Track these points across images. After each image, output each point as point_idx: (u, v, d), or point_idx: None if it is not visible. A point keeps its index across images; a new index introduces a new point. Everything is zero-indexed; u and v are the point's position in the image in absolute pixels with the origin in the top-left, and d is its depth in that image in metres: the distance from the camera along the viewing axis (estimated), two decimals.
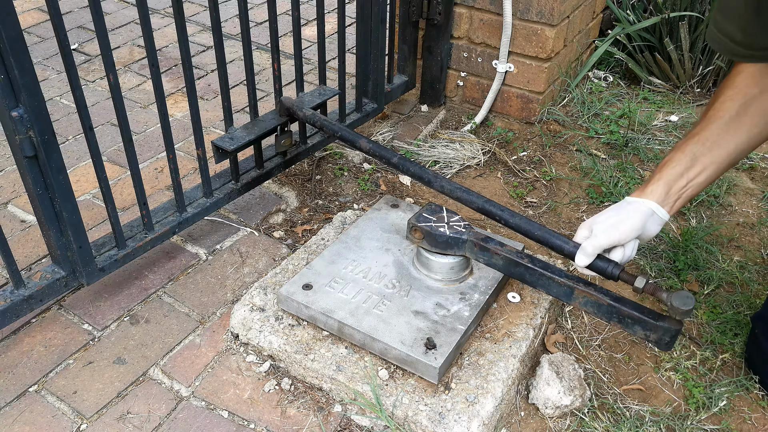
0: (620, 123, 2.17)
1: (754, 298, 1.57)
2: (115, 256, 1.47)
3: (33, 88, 1.17)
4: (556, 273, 1.25)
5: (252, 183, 1.75)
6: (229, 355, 1.40)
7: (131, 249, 1.50)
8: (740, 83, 1.19)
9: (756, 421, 1.32)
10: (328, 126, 1.68)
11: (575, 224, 1.79)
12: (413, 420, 1.23)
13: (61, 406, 1.29)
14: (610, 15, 2.53)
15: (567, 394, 1.29)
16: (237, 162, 1.68)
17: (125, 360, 1.39)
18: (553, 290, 1.26)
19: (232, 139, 1.63)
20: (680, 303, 1.11)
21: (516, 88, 2.16)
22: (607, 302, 1.20)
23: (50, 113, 2.19)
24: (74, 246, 1.37)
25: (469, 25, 2.12)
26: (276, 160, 1.79)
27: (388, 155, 1.57)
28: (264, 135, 1.69)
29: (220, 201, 1.67)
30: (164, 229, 1.56)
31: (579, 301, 1.24)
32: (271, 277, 1.51)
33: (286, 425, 1.27)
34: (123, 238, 1.48)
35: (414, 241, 1.40)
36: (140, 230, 1.54)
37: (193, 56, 2.60)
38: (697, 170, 1.18)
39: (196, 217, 1.63)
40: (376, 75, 2.00)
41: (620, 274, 1.19)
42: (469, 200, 1.44)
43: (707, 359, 1.43)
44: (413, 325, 1.32)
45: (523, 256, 1.29)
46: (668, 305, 1.13)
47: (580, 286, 1.22)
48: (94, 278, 1.44)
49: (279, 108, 1.72)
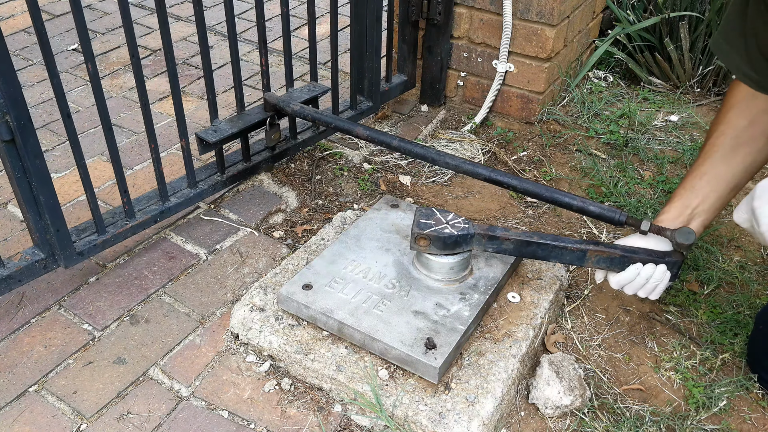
0: (620, 123, 2.17)
1: (754, 298, 1.57)
2: (94, 241, 1.51)
3: (8, 74, 1.21)
4: (567, 242, 1.33)
5: (238, 176, 1.78)
6: (229, 355, 1.40)
7: (111, 235, 1.54)
8: (731, 117, 1.32)
9: (756, 421, 1.32)
10: (320, 118, 1.71)
11: (575, 224, 1.79)
12: (413, 420, 1.23)
13: (61, 406, 1.29)
14: (610, 15, 2.53)
15: (567, 394, 1.29)
16: (222, 154, 1.72)
17: (125, 360, 1.39)
18: (566, 258, 1.34)
19: (215, 131, 1.67)
20: (683, 239, 1.26)
21: (516, 88, 2.16)
22: (619, 254, 1.30)
23: (50, 113, 2.20)
24: (52, 229, 1.41)
25: (469, 25, 2.12)
26: (264, 154, 1.83)
27: (388, 139, 1.60)
28: (248, 129, 1.72)
29: (204, 192, 1.71)
30: (146, 217, 1.59)
31: (592, 261, 1.33)
32: (271, 277, 1.51)
33: (286, 425, 1.27)
34: (103, 224, 1.52)
35: (421, 249, 1.38)
36: (122, 217, 1.57)
37: (193, 56, 2.61)
38: (698, 200, 1.32)
39: (179, 207, 1.66)
40: (372, 73, 2.02)
41: (627, 220, 1.35)
42: (476, 172, 1.52)
43: (707, 359, 1.43)
44: (413, 325, 1.32)
45: (531, 235, 1.34)
46: (673, 241, 1.28)
47: (590, 247, 1.32)
48: (73, 262, 1.48)
49: (264, 103, 1.75)
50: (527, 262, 1.56)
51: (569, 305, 1.55)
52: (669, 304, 1.57)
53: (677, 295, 1.58)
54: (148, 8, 2.97)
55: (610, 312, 1.55)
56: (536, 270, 1.54)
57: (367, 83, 2.04)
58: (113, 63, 2.53)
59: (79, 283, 1.55)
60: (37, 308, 1.49)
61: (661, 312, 1.55)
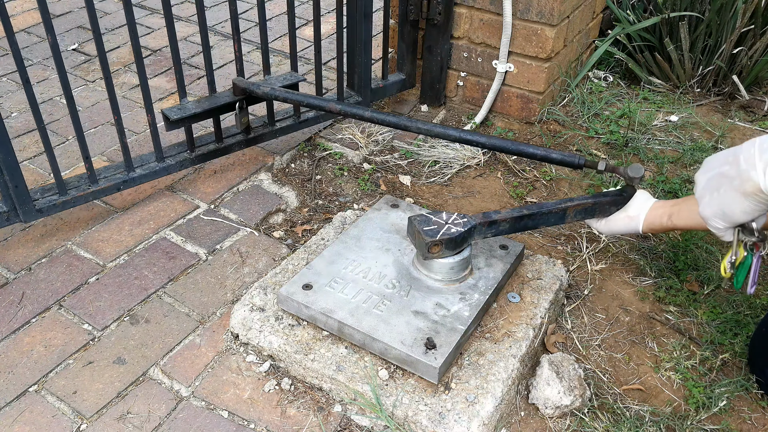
0: (620, 123, 2.17)
1: (753, 299, 1.57)
2: (55, 200, 1.63)
3: None
4: (549, 206, 1.44)
5: (208, 155, 1.86)
6: (229, 355, 1.40)
7: (71, 197, 1.65)
8: None
9: (756, 421, 1.32)
10: (291, 98, 1.78)
11: (575, 224, 1.79)
12: (413, 420, 1.23)
13: (61, 406, 1.29)
14: (610, 15, 2.53)
15: (567, 394, 1.29)
16: (191, 133, 1.80)
17: (125, 360, 1.39)
18: (551, 220, 1.45)
19: (180, 109, 1.75)
20: (634, 172, 1.42)
21: (516, 88, 2.16)
22: (591, 202, 1.44)
23: (50, 113, 2.20)
24: (11, 185, 1.53)
25: (469, 25, 2.12)
26: (239, 137, 1.90)
27: (360, 112, 1.70)
28: (215, 110, 1.80)
29: (171, 167, 1.79)
30: (108, 184, 1.70)
31: (571, 216, 1.45)
32: (271, 277, 1.51)
33: (286, 425, 1.27)
34: (63, 185, 1.64)
35: (435, 257, 1.37)
36: (85, 182, 1.69)
37: (193, 56, 2.61)
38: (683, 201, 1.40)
39: (144, 178, 1.76)
40: (361, 68, 2.05)
41: (585, 163, 1.51)
42: (447, 134, 1.63)
43: (707, 359, 1.43)
44: (413, 325, 1.32)
45: (521, 210, 1.42)
46: (625, 176, 1.43)
47: (568, 204, 1.44)
48: (32, 218, 1.62)
49: (233, 87, 1.81)
50: (527, 263, 1.56)
51: (569, 305, 1.55)
52: (669, 304, 1.57)
53: (677, 295, 1.58)
54: (149, 8, 2.97)
55: (610, 312, 1.55)
56: (536, 270, 1.54)
57: (357, 78, 2.08)
58: (113, 63, 2.53)
59: (79, 283, 1.56)
60: (37, 308, 1.49)
61: (661, 312, 1.55)
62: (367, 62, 2.04)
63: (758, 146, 1.05)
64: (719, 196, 1.14)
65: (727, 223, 1.18)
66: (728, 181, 1.12)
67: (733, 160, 1.10)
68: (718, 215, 1.17)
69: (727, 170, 1.12)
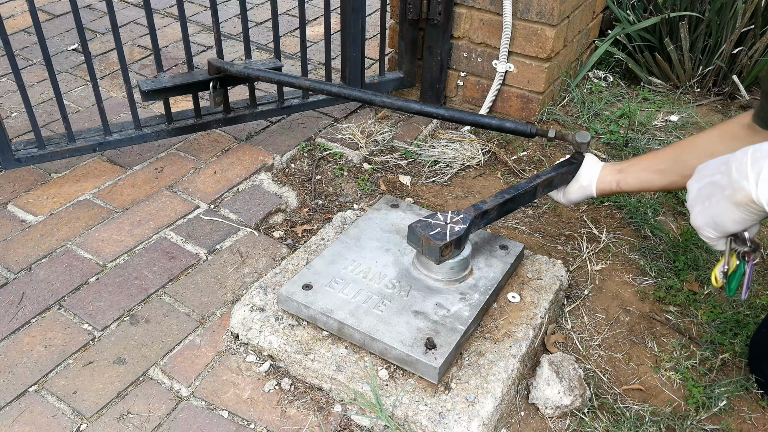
0: (620, 123, 2.17)
1: (754, 298, 1.57)
2: (33, 152, 1.80)
3: None
4: (523, 187, 1.48)
5: (186, 129, 1.96)
6: (229, 355, 1.40)
7: (49, 151, 1.81)
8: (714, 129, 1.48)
9: (756, 421, 1.32)
10: (263, 75, 1.84)
11: (575, 224, 1.79)
12: (413, 420, 1.23)
13: (61, 406, 1.29)
14: (610, 15, 2.53)
15: (567, 394, 1.29)
16: (169, 105, 1.91)
17: (125, 360, 1.39)
18: (526, 199, 1.50)
19: (153, 82, 1.85)
20: (581, 138, 1.52)
21: (516, 88, 2.16)
22: (553, 175, 1.51)
23: (50, 113, 2.20)
24: None
25: (469, 25, 2.12)
26: (219, 115, 1.99)
27: (327, 87, 1.79)
28: (188, 86, 1.88)
29: (147, 136, 1.92)
30: (85, 144, 1.85)
31: (540, 192, 1.51)
32: (271, 277, 1.51)
33: (286, 425, 1.27)
34: (42, 140, 1.80)
35: (447, 259, 1.36)
36: (63, 140, 1.84)
37: (194, 56, 2.61)
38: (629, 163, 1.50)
39: (121, 143, 1.89)
40: (352, 62, 2.10)
41: (536, 131, 1.59)
42: (408, 107, 1.70)
43: (707, 359, 1.43)
44: (413, 325, 1.32)
45: (503, 195, 1.47)
46: (573, 143, 1.54)
47: (537, 181, 1.49)
48: (11, 166, 1.79)
49: (208, 66, 1.88)
50: (527, 263, 1.56)
51: (569, 305, 1.55)
52: (669, 304, 1.57)
53: (677, 295, 1.58)
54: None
55: (610, 312, 1.55)
56: (536, 270, 1.54)
57: (348, 71, 2.12)
58: (113, 63, 2.53)
59: (79, 283, 1.56)
60: (37, 308, 1.49)
61: (661, 312, 1.55)
62: (357, 56, 2.08)
63: (750, 155, 1.03)
64: (711, 205, 1.12)
65: (719, 232, 1.16)
66: (720, 191, 1.09)
67: (725, 169, 1.08)
68: (710, 225, 1.15)
69: (718, 179, 1.09)
